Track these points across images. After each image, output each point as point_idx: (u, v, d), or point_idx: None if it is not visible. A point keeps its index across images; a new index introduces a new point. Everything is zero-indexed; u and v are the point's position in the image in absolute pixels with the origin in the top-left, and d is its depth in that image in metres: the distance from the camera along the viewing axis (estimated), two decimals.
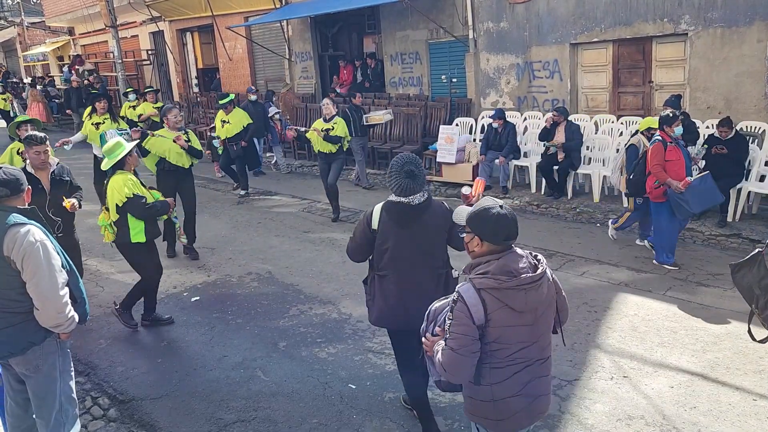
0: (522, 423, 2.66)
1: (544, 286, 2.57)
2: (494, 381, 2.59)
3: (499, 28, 11.06)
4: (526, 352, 2.59)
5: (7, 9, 33.93)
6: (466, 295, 2.50)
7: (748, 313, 3.84)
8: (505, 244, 2.58)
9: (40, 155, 5.02)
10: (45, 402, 3.36)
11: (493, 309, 2.48)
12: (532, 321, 2.56)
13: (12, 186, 3.19)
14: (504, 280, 2.48)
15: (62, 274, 3.20)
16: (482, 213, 2.61)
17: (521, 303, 2.49)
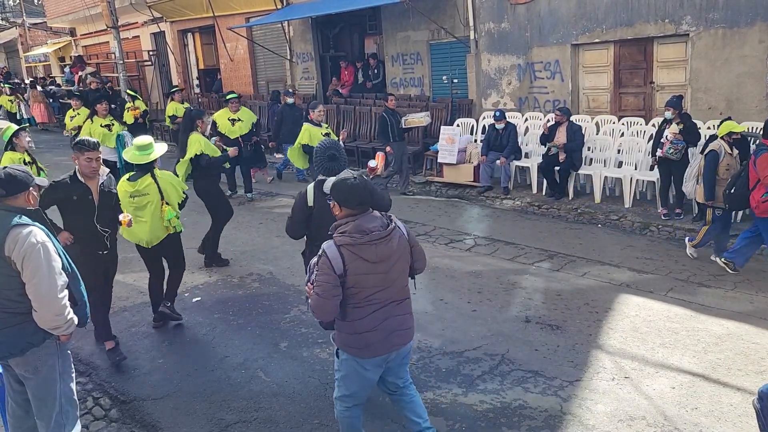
0: (379, 351, 3.28)
1: (394, 241, 3.18)
2: (356, 318, 3.21)
3: (500, 29, 11.06)
4: (381, 294, 3.20)
5: (9, 10, 33.96)
6: (328, 251, 3.11)
7: None
8: (360, 208, 3.17)
9: (92, 162, 4.61)
10: (45, 403, 3.36)
11: (350, 261, 3.09)
12: (386, 269, 3.17)
13: (9, 187, 3.18)
14: (358, 237, 3.09)
15: (62, 276, 3.20)
16: (340, 183, 3.19)
17: (373, 255, 3.12)
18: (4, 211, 3.14)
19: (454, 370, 4.61)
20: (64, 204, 4.65)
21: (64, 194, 4.61)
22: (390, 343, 3.30)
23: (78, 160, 4.62)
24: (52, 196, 4.57)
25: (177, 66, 19.51)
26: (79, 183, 4.63)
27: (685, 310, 5.42)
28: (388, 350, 3.31)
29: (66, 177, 4.66)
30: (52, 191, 4.54)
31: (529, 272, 6.48)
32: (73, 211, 4.66)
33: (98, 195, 4.71)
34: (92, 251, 4.75)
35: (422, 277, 6.40)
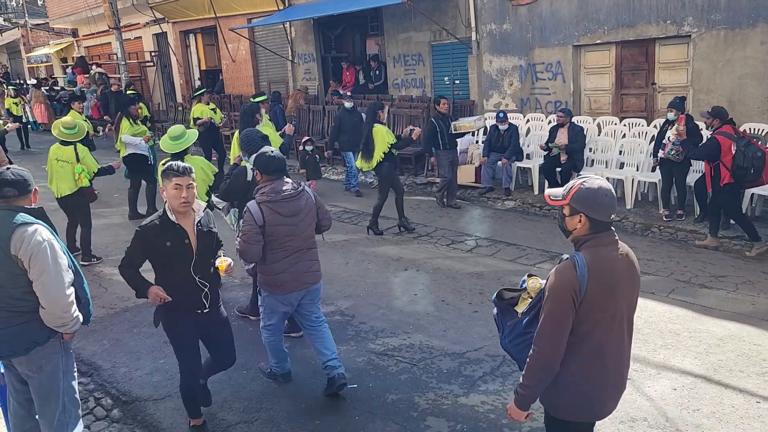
0: (291, 289, 4.14)
1: (303, 200, 4.08)
2: (273, 261, 4.06)
3: (502, 30, 11.07)
4: (292, 243, 4.07)
5: (11, 11, 34.03)
6: (251, 207, 4.00)
7: None
8: (276, 175, 4.06)
9: (182, 191, 3.52)
10: (48, 402, 3.37)
11: (268, 214, 3.96)
12: (296, 222, 4.05)
13: (19, 186, 3.21)
14: (273, 196, 3.98)
15: (68, 273, 3.22)
16: (260, 155, 4.11)
17: (285, 210, 4.00)
18: (9, 210, 3.16)
19: (456, 371, 4.61)
20: (155, 254, 3.64)
21: (154, 242, 3.59)
22: (300, 282, 4.16)
23: (166, 190, 3.58)
24: (142, 247, 3.62)
25: (179, 67, 19.54)
26: (171, 224, 3.58)
27: (686, 311, 5.42)
28: (299, 288, 4.17)
29: (154, 219, 3.64)
30: (141, 240, 3.61)
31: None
32: (166, 262, 3.63)
33: (196, 237, 3.66)
34: (187, 311, 3.74)
35: (423, 278, 6.41)
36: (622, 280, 2.62)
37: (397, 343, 5.08)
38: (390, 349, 4.99)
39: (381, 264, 6.91)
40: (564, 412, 2.67)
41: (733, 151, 6.45)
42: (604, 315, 2.57)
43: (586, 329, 2.56)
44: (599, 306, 2.54)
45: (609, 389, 2.65)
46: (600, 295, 2.53)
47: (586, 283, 2.50)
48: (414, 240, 7.73)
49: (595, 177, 2.64)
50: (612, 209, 2.58)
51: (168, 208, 3.60)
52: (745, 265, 6.44)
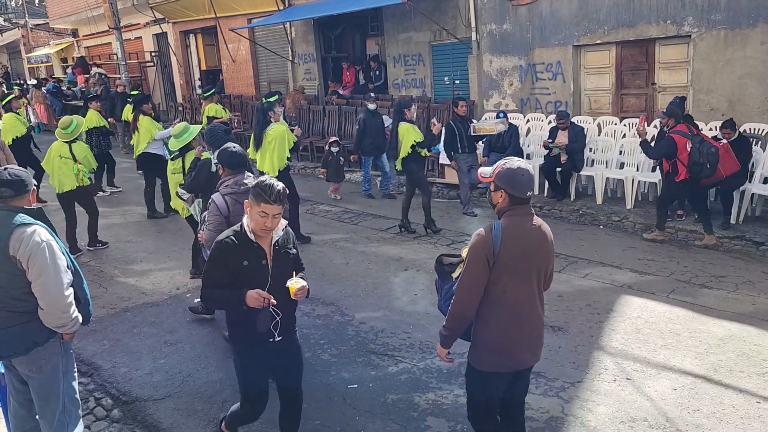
0: None
1: None
2: None
3: (502, 30, 11.06)
4: None
5: (12, 11, 34.03)
6: (216, 199, 4.32)
7: None
8: (237, 169, 4.38)
9: (267, 220, 3.12)
10: (48, 403, 3.37)
11: (232, 205, 4.25)
12: None
13: (16, 186, 3.20)
14: (236, 189, 4.31)
15: (68, 274, 3.21)
16: (222, 151, 4.41)
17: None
18: (7, 211, 3.16)
19: (456, 371, 4.60)
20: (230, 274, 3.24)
21: (232, 260, 3.20)
22: None
23: (250, 210, 3.17)
24: (224, 265, 3.20)
25: (179, 67, 19.54)
26: (250, 243, 3.20)
27: (686, 311, 5.42)
28: None
29: (230, 234, 3.23)
30: (220, 258, 3.20)
31: None
32: (240, 284, 3.19)
33: (272, 258, 3.28)
34: (257, 339, 3.35)
35: (423, 278, 6.41)
36: (533, 247, 3.00)
37: (397, 343, 5.08)
38: (390, 349, 4.99)
39: (381, 264, 6.91)
40: (484, 364, 3.07)
41: (688, 148, 6.75)
42: (517, 277, 2.94)
43: (501, 289, 2.94)
44: (512, 268, 2.92)
45: (523, 345, 3.06)
46: (512, 258, 2.92)
47: (499, 245, 2.90)
48: (414, 240, 7.73)
49: (517, 159, 3.10)
50: (528, 187, 3.02)
51: (247, 225, 3.20)
52: (746, 265, 6.44)
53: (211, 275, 3.25)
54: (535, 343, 3.13)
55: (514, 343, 3.02)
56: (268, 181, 3.15)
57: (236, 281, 3.19)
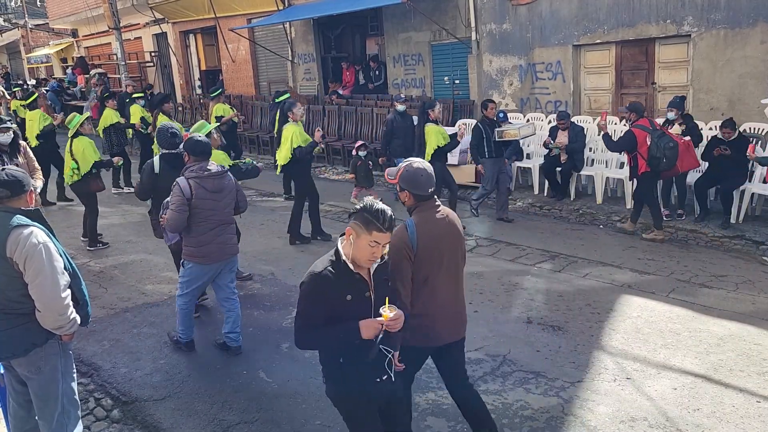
0: (215, 259, 4.76)
1: (225, 180, 4.79)
2: (199, 234, 4.67)
3: (501, 30, 11.06)
4: (215, 217, 4.70)
5: (11, 11, 34.03)
6: (180, 182, 4.62)
7: None
8: (201, 156, 4.72)
9: (377, 250, 2.74)
10: (47, 404, 3.36)
11: (195, 188, 4.61)
12: (219, 198, 4.71)
13: (12, 187, 3.18)
14: (200, 173, 4.64)
15: (64, 276, 3.20)
16: (188, 140, 4.84)
17: (210, 185, 4.66)
18: (4, 212, 3.15)
19: None
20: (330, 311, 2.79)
21: (332, 295, 2.76)
22: (223, 252, 4.79)
23: (357, 239, 2.74)
24: (321, 301, 2.76)
25: (179, 67, 19.55)
26: (351, 275, 2.79)
27: (687, 311, 5.42)
28: (222, 258, 4.79)
29: (327, 266, 2.78)
30: (317, 294, 2.76)
31: (531, 273, 6.48)
32: (338, 321, 2.80)
33: (373, 288, 2.88)
34: (365, 380, 2.92)
35: None
36: (444, 236, 3.32)
37: None
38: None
39: None
40: (413, 340, 3.29)
41: (648, 142, 6.99)
42: (434, 264, 3.28)
43: (423, 276, 3.26)
44: (429, 257, 3.25)
45: (444, 322, 3.39)
46: (428, 249, 3.23)
47: (416, 240, 3.20)
48: None
49: (417, 161, 3.31)
50: (428, 185, 3.25)
51: (344, 254, 2.78)
52: (746, 264, 6.44)
53: (308, 313, 2.78)
54: (457, 320, 3.46)
55: (437, 322, 3.35)
56: (378, 206, 2.74)
57: (332, 319, 2.77)
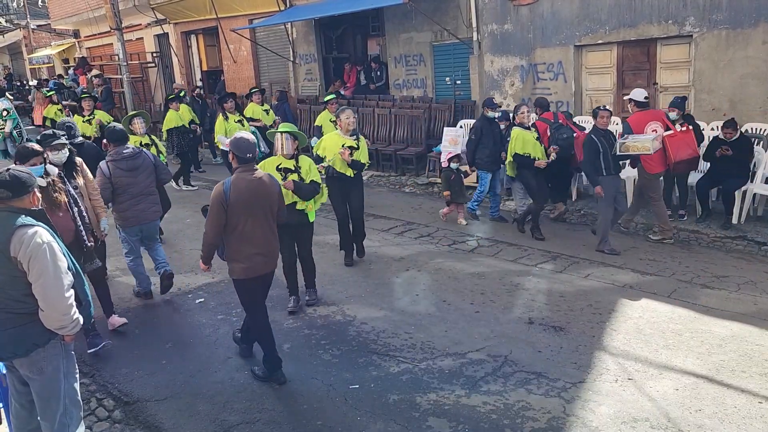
0: (134, 222, 5.83)
1: (140, 160, 5.81)
2: (121, 203, 5.75)
3: (503, 30, 11.06)
4: (133, 189, 5.75)
5: (13, 12, 34.07)
6: (101, 165, 5.70)
7: None
8: (117, 143, 5.78)
9: None
10: (49, 404, 3.37)
11: (113, 169, 5.68)
12: (135, 175, 5.77)
13: (13, 187, 3.19)
14: (116, 156, 5.73)
15: (68, 276, 3.21)
16: (107, 128, 6.05)
17: (125, 165, 5.72)
18: (9, 212, 3.15)
19: (457, 372, 4.61)
20: None
21: None
22: (141, 218, 5.83)
23: None
24: None
25: (180, 67, 19.56)
26: None
27: (688, 311, 5.41)
28: (140, 223, 5.85)
29: None
30: None
31: (532, 274, 6.48)
32: None
33: None
34: None
35: (425, 279, 6.42)
36: (256, 193, 4.36)
37: (398, 344, 5.08)
38: (391, 350, 4.99)
39: (382, 264, 6.91)
40: (235, 273, 4.49)
41: (549, 133, 7.93)
42: (245, 214, 4.31)
43: (235, 223, 4.32)
44: (241, 208, 4.29)
45: (257, 258, 4.44)
46: (239, 201, 4.28)
47: (229, 193, 4.27)
48: (415, 240, 7.73)
49: (243, 132, 4.63)
50: (247, 151, 4.37)
51: None
52: (747, 265, 6.44)
53: None
54: (268, 256, 4.53)
55: (250, 257, 4.39)
56: None
57: None
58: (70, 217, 4.63)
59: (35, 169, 4.18)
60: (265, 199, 4.39)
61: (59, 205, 4.53)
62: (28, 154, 4.37)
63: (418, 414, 4.12)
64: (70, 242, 4.44)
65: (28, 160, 4.32)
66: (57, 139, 5.01)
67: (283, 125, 5.70)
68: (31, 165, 4.25)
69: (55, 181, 4.56)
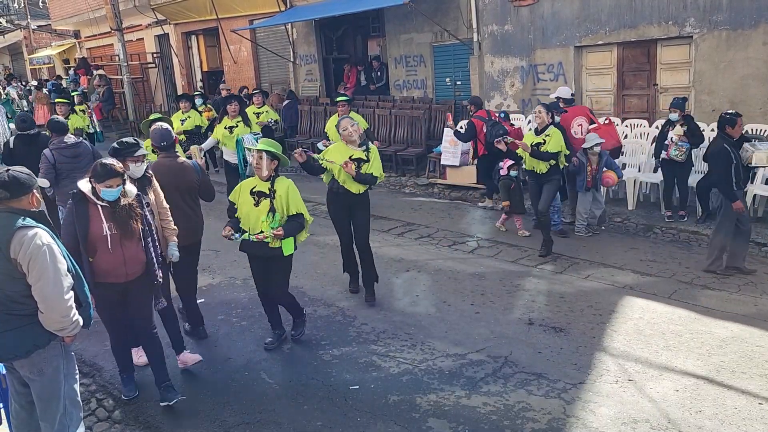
0: None
1: (80, 148, 6.51)
2: (65, 186, 6.09)
3: (503, 31, 11.06)
4: (74, 173, 5.97)
5: (14, 12, 34.07)
6: (46, 153, 6.33)
7: None
8: (58, 133, 6.51)
9: None
10: (49, 405, 3.36)
11: (56, 155, 6.36)
12: (76, 162, 6.35)
13: (12, 188, 3.18)
14: (58, 144, 6.39)
15: (68, 278, 3.21)
16: (49, 121, 6.76)
17: (67, 153, 6.40)
18: (9, 213, 3.15)
19: (458, 372, 4.61)
20: None
21: None
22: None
23: None
24: None
25: (181, 68, 19.56)
26: None
27: (689, 312, 5.41)
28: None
29: None
30: None
31: (533, 274, 6.47)
32: None
33: None
34: None
35: (425, 280, 6.41)
36: (174, 175, 4.90)
37: (398, 344, 5.08)
38: (391, 350, 4.99)
39: (382, 265, 6.90)
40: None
41: (484, 130, 8.48)
42: (166, 192, 4.63)
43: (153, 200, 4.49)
44: (165, 184, 4.66)
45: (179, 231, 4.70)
46: (162, 180, 4.65)
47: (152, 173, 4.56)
48: (415, 241, 7.73)
49: (160, 123, 5.22)
50: (162, 140, 4.96)
51: None
52: (747, 266, 6.42)
53: None
54: (189, 229, 4.92)
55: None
56: None
57: None
58: (142, 247, 3.98)
59: (110, 193, 3.74)
60: (181, 179, 4.92)
61: (134, 233, 3.90)
62: (106, 174, 3.72)
63: (418, 415, 4.12)
64: (138, 276, 4.03)
65: (104, 181, 3.72)
66: (139, 147, 4.29)
67: (263, 142, 4.90)
68: (107, 187, 3.73)
69: (132, 205, 3.88)
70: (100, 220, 3.83)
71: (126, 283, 4.01)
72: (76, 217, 3.82)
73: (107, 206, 3.83)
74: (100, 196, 3.81)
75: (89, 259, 3.86)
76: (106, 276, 3.92)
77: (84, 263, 3.80)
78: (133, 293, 4.10)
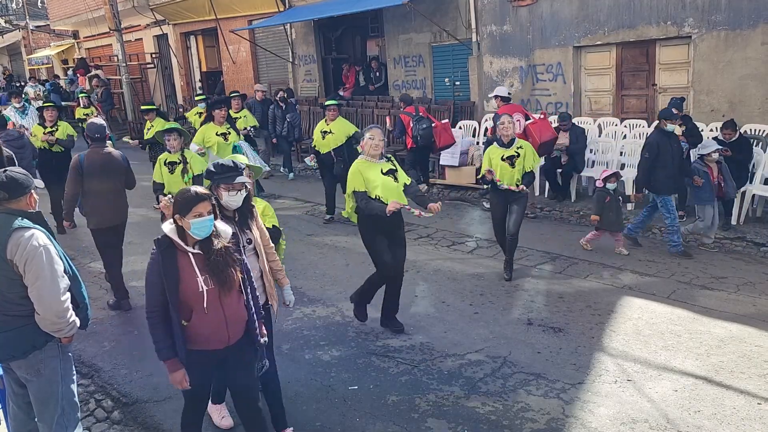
0: None
1: (23, 140, 7.66)
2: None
3: (502, 31, 11.06)
4: (23, 162, 6.56)
5: (12, 12, 34.05)
6: None
7: None
8: (2, 129, 7.69)
9: None
10: (47, 406, 3.36)
11: (2, 145, 6.09)
12: (22, 153, 7.20)
13: (10, 188, 3.18)
14: (4, 137, 6.85)
15: (64, 279, 3.20)
16: None
17: (15, 144, 7.29)
18: (6, 214, 3.14)
19: (456, 373, 4.61)
20: None
21: None
22: None
23: None
24: None
25: (180, 68, 19.56)
26: None
27: (687, 312, 5.41)
28: None
29: None
30: None
31: (532, 275, 6.48)
32: None
33: None
34: None
35: (425, 279, 6.41)
36: (104, 165, 5.79)
37: (397, 345, 5.08)
38: (391, 351, 4.99)
39: None
40: (90, 224, 5.93)
41: (411, 125, 9.36)
42: (95, 180, 5.69)
43: (89, 186, 5.71)
44: (91, 175, 5.69)
45: (107, 213, 5.87)
46: (90, 170, 5.69)
47: (84, 165, 5.70)
48: (415, 241, 7.73)
49: (98, 118, 6.28)
50: (96, 132, 5.85)
51: None
52: (746, 266, 6.44)
53: None
54: (116, 212, 5.94)
55: (102, 212, 5.81)
56: None
57: None
58: (243, 302, 3.20)
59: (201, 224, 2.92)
60: (113, 169, 5.85)
61: (233, 285, 3.09)
62: (189, 201, 2.94)
63: (417, 415, 4.12)
64: (239, 339, 3.21)
65: (190, 209, 2.93)
66: (239, 173, 3.39)
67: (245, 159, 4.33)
68: (197, 216, 2.92)
69: (229, 249, 3.06)
70: (192, 272, 2.99)
71: (226, 348, 3.19)
72: (163, 270, 2.96)
73: (200, 253, 3.00)
74: (190, 233, 2.96)
75: (182, 322, 3.04)
76: (206, 342, 3.11)
77: (175, 329, 3.03)
78: (234, 359, 3.25)
